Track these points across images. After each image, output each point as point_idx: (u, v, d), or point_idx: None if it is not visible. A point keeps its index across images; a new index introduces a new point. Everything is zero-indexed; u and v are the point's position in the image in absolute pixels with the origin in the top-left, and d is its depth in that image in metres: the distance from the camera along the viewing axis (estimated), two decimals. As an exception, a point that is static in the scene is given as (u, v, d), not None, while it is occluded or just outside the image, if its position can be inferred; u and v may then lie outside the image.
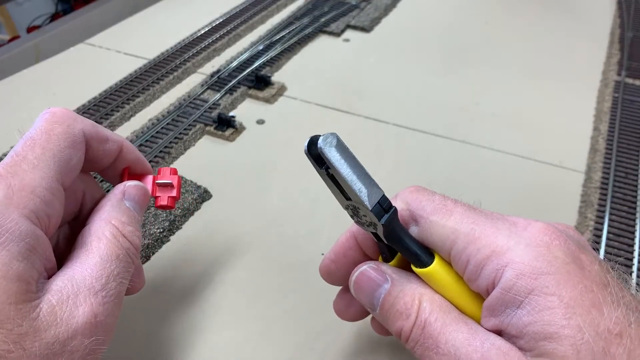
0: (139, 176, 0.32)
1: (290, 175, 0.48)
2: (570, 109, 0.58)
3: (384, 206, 0.24)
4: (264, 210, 0.44)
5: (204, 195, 0.45)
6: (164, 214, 0.42)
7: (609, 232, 0.42)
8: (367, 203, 0.24)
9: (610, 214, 0.44)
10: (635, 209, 0.45)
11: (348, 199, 0.24)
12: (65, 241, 0.30)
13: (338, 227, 0.31)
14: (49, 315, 0.23)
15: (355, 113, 0.57)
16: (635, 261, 0.40)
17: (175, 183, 0.33)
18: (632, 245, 0.41)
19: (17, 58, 0.66)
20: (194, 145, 0.51)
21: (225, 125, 0.52)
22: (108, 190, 0.31)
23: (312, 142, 0.23)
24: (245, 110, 0.57)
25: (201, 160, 0.50)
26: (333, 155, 0.23)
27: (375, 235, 0.26)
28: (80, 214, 0.30)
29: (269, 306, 0.36)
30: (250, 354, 0.33)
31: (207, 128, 0.53)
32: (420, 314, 0.24)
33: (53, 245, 0.27)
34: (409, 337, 0.24)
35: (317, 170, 0.24)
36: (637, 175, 0.48)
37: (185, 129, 0.52)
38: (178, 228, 0.42)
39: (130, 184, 0.30)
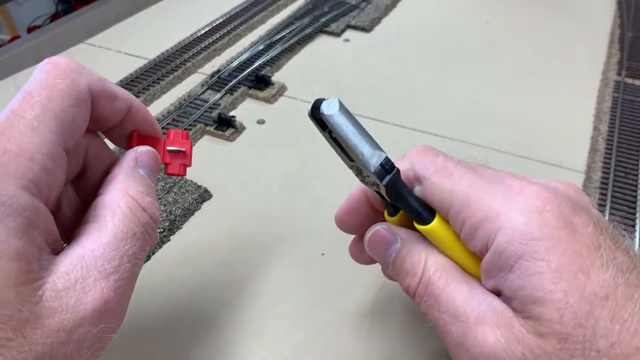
0: (148, 139, 0.29)
1: (291, 175, 0.48)
2: (570, 109, 0.58)
3: (387, 167, 0.25)
4: (264, 210, 0.44)
5: (204, 195, 0.45)
6: (164, 214, 0.42)
7: (609, 232, 0.42)
8: (369, 165, 0.24)
9: (610, 214, 0.44)
10: (635, 209, 0.45)
11: (352, 160, 0.25)
12: (69, 205, 0.27)
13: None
14: (54, 301, 0.21)
15: (355, 113, 0.56)
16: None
17: (187, 150, 0.31)
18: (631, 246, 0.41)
19: (17, 58, 0.66)
20: (194, 145, 0.51)
21: (225, 125, 0.53)
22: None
23: (316, 106, 0.24)
24: (246, 110, 0.57)
25: (201, 160, 0.50)
26: (336, 119, 0.23)
27: (379, 193, 0.26)
28: (84, 174, 0.28)
29: (268, 306, 0.36)
30: (249, 353, 0.33)
31: (208, 128, 0.53)
32: (424, 272, 0.25)
33: (54, 211, 0.25)
34: (415, 293, 0.26)
35: (321, 133, 0.25)
36: (637, 175, 0.48)
37: (185, 129, 0.52)
38: (178, 228, 0.42)
39: (141, 149, 0.28)
